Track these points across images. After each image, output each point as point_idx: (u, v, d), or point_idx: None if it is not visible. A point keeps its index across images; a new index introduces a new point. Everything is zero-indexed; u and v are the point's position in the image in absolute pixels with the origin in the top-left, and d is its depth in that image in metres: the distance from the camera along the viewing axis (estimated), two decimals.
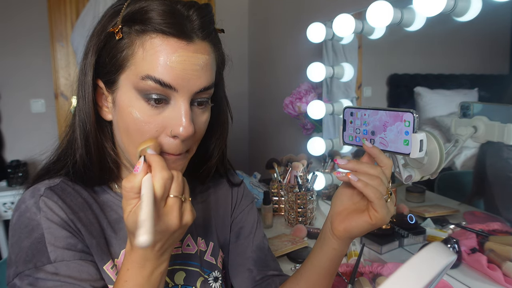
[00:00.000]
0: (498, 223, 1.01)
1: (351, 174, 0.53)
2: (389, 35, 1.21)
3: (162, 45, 0.49)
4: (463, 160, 1.12)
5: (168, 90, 0.50)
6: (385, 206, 0.52)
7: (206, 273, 0.68)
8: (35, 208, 0.53)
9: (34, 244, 0.52)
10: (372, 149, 0.55)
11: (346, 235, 0.57)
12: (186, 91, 0.50)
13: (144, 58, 0.50)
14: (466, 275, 0.88)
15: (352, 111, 0.60)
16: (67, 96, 2.45)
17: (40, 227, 0.52)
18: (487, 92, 1.10)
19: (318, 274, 0.61)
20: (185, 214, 0.47)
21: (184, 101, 0.51)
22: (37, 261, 0.51)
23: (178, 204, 0.45)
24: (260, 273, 0.73)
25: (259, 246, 0.75)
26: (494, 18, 0.96)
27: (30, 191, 0.56)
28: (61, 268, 0.51)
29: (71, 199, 0.57)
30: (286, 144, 2.17)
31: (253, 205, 0.79)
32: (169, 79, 0.49)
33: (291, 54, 2.06)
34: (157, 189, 0.43)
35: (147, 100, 0.50)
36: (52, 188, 0.56)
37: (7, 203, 2.14)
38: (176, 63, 0.49)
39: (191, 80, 0.50)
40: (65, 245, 0.53)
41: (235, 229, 0.75)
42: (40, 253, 0.51)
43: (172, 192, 0.45)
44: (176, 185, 0.46)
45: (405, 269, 0.38)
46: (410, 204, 1.27)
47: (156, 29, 0.49)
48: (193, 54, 0.50)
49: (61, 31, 2.38)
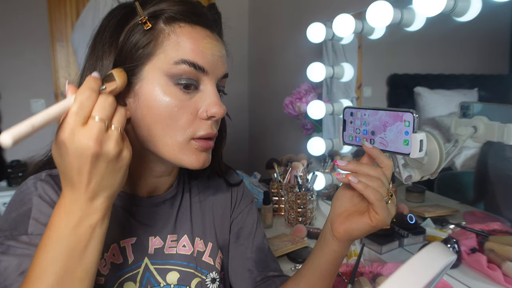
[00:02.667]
0: (498, 223, 1.01)
1: (351, 176, 0.52)
2: (389, 35, 1.21)
3: (193, 32, 0.54)
4: (463, 160, 1.12)
5: (199, 74, 0.54)
6: (385, 208, 0.52)
7: (203, 274, 0.67)
8: (33, 187, 0.55)
9: (19, 216, 0.53)
10: (372, 150, 0.54)
11: (346, 237, 0.56)
12: (214, 75, 0.55)
13: (177, 44, 0.53)
14: (466, 275, 0.88)
15: (352, 111, 0.60)
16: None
17: (31, 202, 0.54)
18: (487, 92, 1.10)
19: (318, 276, 0.61)
20: (107, 141, 0.41)
21: (213, 85, 0.55)
22: (14, 230, 0.51)
23: (97, 127, 0.41)
24: (261, 274, 0.72)
25: (259, 246, 0.75)
26: (494, 18, 0.96)
27: (33, 176, 0.58)
28: (35, 241, 0.49)
29: None
30: (286, 144, 2.17)
31: (253, 205, 0.79)
32: (202, 63, 0.53)
33: (291, 54, 2.06)
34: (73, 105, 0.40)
35: (179, 85, 0.53)
36: (52, 176, 0.58)
37: (7, 203, 2.14)
38: (206, 48, 0.54)
39: (218, 65, 0.56)
40: (47, 222, 0.47)
41: (234, 229, 0.75)
42: (21, 224, 0.52)
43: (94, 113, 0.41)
44: (100, 107, 0.41)
45: (405, 269, 0.38)
46: (410, 204, 1.27)
47: (185, 18, 0.54)
48: (217, 43, 0.57)
49: (61, 31, 2.38)
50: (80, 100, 0.41)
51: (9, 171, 2.19)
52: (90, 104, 0.41)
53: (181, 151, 0.55)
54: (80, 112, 0.40)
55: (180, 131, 0.54)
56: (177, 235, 0.67)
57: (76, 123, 0.40)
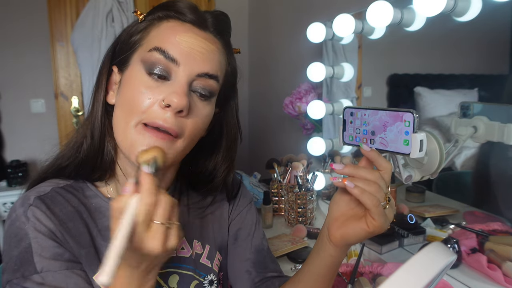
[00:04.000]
0: (498, 223, 1.01)
1: (347, 180, 0.51)
2: (389, 35, 1.21)
3: (177, 27, 0.55)
4: (463, 160, 1.12)
5: (170, 64, 0.53)
6: (383, 213, 0.50)
7: (201, 276, 0.67)
8: (24, 217, 0.53)
9: (22, 254, 0.52)
10: (370, 152, 0.53)
11: (342, 242, 0.55)
12: (188, 69, 0.53)
13: (157, 35, 0.55)
14: (466, 275, 0.88)
15: (352, 111, 0.60)
16: (67, 96, 2.45)
17: (28, 237, 0.52)
18: (487, 92, 1.10)
19: (315, 280, 0.61)
20: (169, 239, 0.43)
21: (183, 78, 0.53)
22: (25, 270, 0.51)
23: (162, 230, 0.42)
24: (259, 275, 0.72)
25: (258, 247, 0.74)
26: (494, 18, 0.96)
27: (21, 199, 0.56)
28: (48, 278, 0.51)
29: (60, 209, 0.56)
30: (286, 144, 2.17)
31: (252, 206, 0.78)
32: (174, 52, 0.53)
33: (291, 54, 2.06)
34: (139, 215, 0.41)
35: (149, 73, 0.53)
36: (41, 198, 0.55)
37: (7, 203, 2.14)
38: (184, 41, 0.54)
39: (195, 60, 0.54)
40: (51, 255, 0.52)
41: (233, 230, 0.74)
42: (27, 263, 0.51)
43: (157, 218, 0.42)
44: (162, 211, 0.42)
45: (405, 269, 0.38)
46: (410, 204, 1.27)
47: (176, 15, 0.56)
48: (202, 39, 0.55)
49: (61, 31, 2.38)
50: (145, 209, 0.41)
51: (9, 171, 2.19)
52: (152, 210, 0.42)
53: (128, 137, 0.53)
54: (146, 219, 0.41)
55: (135, 115, 0.53)
56: None
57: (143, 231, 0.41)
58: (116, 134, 0.57)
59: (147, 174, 0.43)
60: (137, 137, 0.53)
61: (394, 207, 0.54)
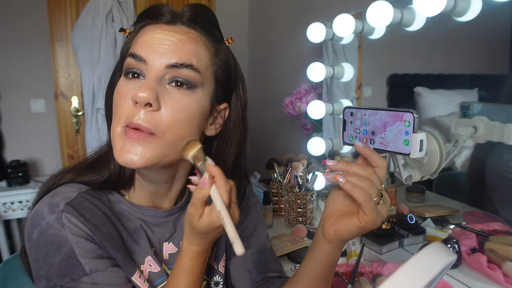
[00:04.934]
0: (498, 223, 1.01)
1: (339, 176, 0.51)
2: (389, 35, 1.21)
3: (148, 29, 0.57)
4: (463, 160, 1.12)
5: (141, 64, 0.54)
6: (374, 209, 0.49)
7: (209, 277, 0.69)
8: (58, 224, 0.53)
9: (65, 259, 0.53)
10: (364, 149, 0.53)
11: (336, 238, 0.55)
12: (156, 63, 0.54)
13: (134, 43, 0.57)
14: (466, 275, 0.88)
15: (352, 111, 0.60)
16: (67, 96, 2.44)
17: (68, 242, 0.53)
18: (487, 92, 1.10)
19: (311, 278, 0.60)
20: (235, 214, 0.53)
21: (152, 72, 0.54)
22: (73, 274, 0.52)
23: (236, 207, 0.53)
24: (260, 274, 0.72)
25: (260, 247, 0.75)
26: (494, 18, 0.96)
27: (47, 205, 0.55)
28: (98, 278, 0.53)
29: (91, 214, 0.57)
30: (286, 144, 2.17)
31: (257, 207, 0.79)
32: (141, 52, 0.54)
33: (291, 54, 2.06)
34: (225, 200, 0.51)
35: (126, 76, 0.56)
36: (70, 204, 0.56)
37: (7, 203, 2.13)
38: (151, 38, 0.55)
39: (162, 53, 0.54)
40: (95, 256, 0.55)
41: (237, 230, 0.75)
42: (74, 267, 0.53)
43: (233, 198, 0.53)
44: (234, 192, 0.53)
45: (405, 269, 0.38)
46: (410, 204, 1.27)
47: (151, 20, 0.58)
48: (170, 32, 0.56)
49: (61, 31, 2.37)
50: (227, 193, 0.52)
51: (9, 171, 2.19)
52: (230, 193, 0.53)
53: (114, 141, 0.55)
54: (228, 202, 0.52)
55: (119, 120, 0.54)
56: None
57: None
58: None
59: (213, 165, 0.52)
60: (118, 140, 0.54)
61: (388, 204, 0.53)
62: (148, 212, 0.64)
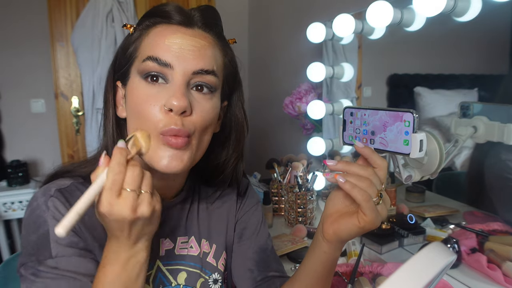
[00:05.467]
0: (498, 223, 1.01)
1: (338, 176, 0.51)
2: (389, 35, 1.21)
3: (164, 30, 0.56)
4: (463, 160, 1.12)
5: (165, 69, 0.54)
6: (374, 209, 0.49)
7: (207, 274, 0.69)
8: (44, 206, 0.56)
9: (39, 239, 0.54)
10: (364, 149, 0.53)
11: (335, 238, 0.55)
12: (182, 68, 0.54)
13: (148, 44, 0.56)
14: (466, 275, 0.88)
15: (352, 111, 0.60)
16: (67, 96, 2.45)
17: (46, 224, 0.55)
18: (487, 92, 1.10)
19: (311, 277, 0.61)
20: (140, 206, 0.46)
21: (179, 79, 0.54)
22: (40, 255, 0.54)
23: (131, 196, 0.46)
24: (261, 273, 0.73)
25: (262, 247, 0.75)
26: (494, 18, 0.96)
27: (42, 189, 0.58)
28: (61, 263, 0.53)
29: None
30: (286, 144, 2.17)
31: (258, 206, 0.79)
32: (166, 57, 0.54)
33: (291, 54, 2.06)
34: (106, 182, 0.45)
35: (146, 79, 0.55)
36: (61, 190, 0.58)
37: (7, 203, 2.14)
38: (173, 43, 0.55)
39: (187, 59, 0.54)
40: (67, 242, 0.55)
41: (238, 229, 0.75)
42: (43, 247, 0.54)
43: (125, 185, 0.46)
44: (130, 178, 0.46)
45: (405, 269, 0.38)
46: (410, 204, 1.27)
47: (162, 19, 0.57)
48: (191, 37, 0.56)
49: (61, 31, 2.37)
50: (112, 176, 0.45)
51: (9, 171, 2.19)
52: (121, 178, 0.46)
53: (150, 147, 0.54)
54: (114, 187, 0.45)
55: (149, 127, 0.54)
56: (187, 237, 0.68)
57: (112, 197, 0.45)
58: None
59: (118, 148, 0.47)
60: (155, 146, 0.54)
61: (388, 204, 0.53)
62: None
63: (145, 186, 0.48)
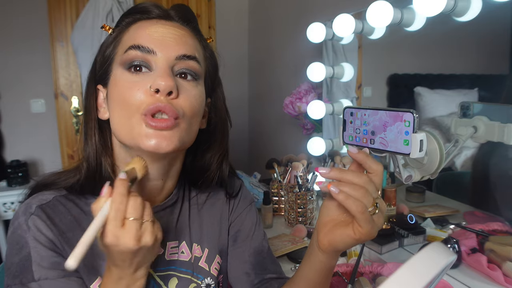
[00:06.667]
0: (498, 223, 1.01)
1: (332, 185, 0.48)
2: (389, 35, 1.21)
3: (144, 23, 0.57)
4: (463, 160, 1.12)
5: (148, 56, 0.54)
6: (369, 220, 0.47)
7: (199, 279, 0.67)
8: (25, 225, 0.55)
9: (22, 261, 0.54)
10: (358, 155, 0.51)
11: (330, 249, 0.53)
12: (165, 54, 0.55)
13: (128, 37, 0.57)
14: (466, 275, 0.88)
15: (352, 111, 0.60)
16: (67, 96, 2.45)
17: (28, 245, 0.54)
18: (487, 92, 1.10)
19: (308, 285, 0.60)
20: (144, 235, 0.47)
21: (163, 63, 0.54)
22: (23, 277, 0.53)
23: (134, 226, 0.46)
24: (258, 276, 0.71)
25: (257, 249, 0.74)
26: (494, 18, 0.96)
27: (23, 206, 0.57)
28: (45, 286, 0.53)
29: (60, 218, 0.57)
30: (286, 144, 2.17)
31: (252, 207, 0.77)
32: (148, 43, 0.55)
33: (291, 54, 2.06)
34: (110, 212, 0.46)
35: (129, 69, 0.55)
36: (42, 207, 0.57)
37: (7, 203, 2.14)
38: (154, 32, 0.56)
39: (170, 45, 0.55)
40: (49, 264, 0.54)
41: (232, 232, 0.74)
42: (26, 270, 0.53)
43: (128, 215, 0.46)
44: (132, 208, 0.47)
45: (405, 269, 0.38)
46: (410, 204, 1.27)
47: (141, 15, 0.58)
48: (171, 27, 0.57)
49: (61, 31, 2.37)
50: (115, 207, 0.46)
51: (9, 171, 2.19)
52: (123, 208, 0.47)
53: (134, 130, 0.54)
54: (117, 216, 0.46)
55: (133, 111, 0.53)
56: (177, 242, 0.67)
57: (117, 228, 0.46)
58: (121, 135, 0.57)
59: (121, 179, 0.48)
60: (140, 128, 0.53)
61: (384, 212, 0.51)
62: None
63: (146, 216, 0.48)
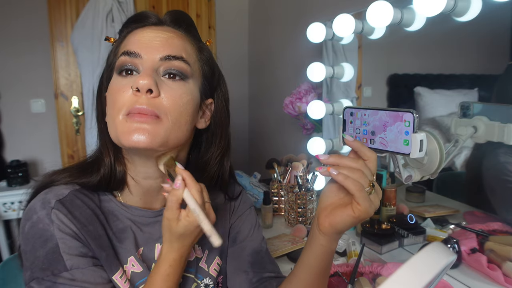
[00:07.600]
0: (498, 223, 1.01)
1: (331, 168, 0.52)
2: (389, 35, 1.21)
3: (138, 31, 0.61)
4: (463, 160, 1.12)
5: (135, 60, 0.58)
6: (367, 198, 0.51)
7: (199, 279, 0.70)
8: (48, 219, 0.56)
9: (49, 254, 0.55)
10: (353, 142, 0.54)
11: (331, 230, 0.56)
12: (150, 56, 0.58)
13: (123, 45, 0.61)
14: (466, 275, 0.88)
15: (352, 111, 0.60)
16: (67, 96, 2.45)
17: (54, 237, 0.55)
18: (487, 92, 1.10)
19: (309, 273, 0.61)
20: (211, 214, 0.57)
21: (147, 64, 0.57)
22: (54, 268, 0.55)
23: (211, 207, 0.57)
24: (256, 275, 0.73)
25: (256, 249, 0.75)
26: (494, 18, 0.96)
27: (40, 201, 0.58)
28: (77, 275, 0.55)
29: (80, 212, 0.59)
30: (286, 144, 2.17)
31: (251, 211, 0.80)
32: (135, 48, 0.58)
33: (291, 54, 2.06)
34: (197, 199, 0.54)
35: (120, 73, 0.58)
36: (61, 201, 0.58)
37: (7, 203, 2.13)
38: (143, 37, 0.59)
39: (155, 47, 0.58)
40: (78, 253, 0.56)
41: (232, 233, 0.76)
42: (56, 261, 0.55)
43: (206, 198, 0.57)
44: (206, 192, 0.57)
45: (405, 269, 0.38)
46: (410, 204, 1.27)
47: (138, 24, 0.62)
48: (160, 31, 0.60)
49: (61, 31, 2.37)
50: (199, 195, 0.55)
51: (9, 171, 2.19)
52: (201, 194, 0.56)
53: (118, 129, 0.55)
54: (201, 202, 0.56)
55: (118, 111, 0.56)
56: None
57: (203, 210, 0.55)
58: (111, 136, 0.58)
59: (183, 170, 0.56)
60: (122, 126, 0.55)
61: (379, 194, 0.55)
62: (137, 212, 0.65)
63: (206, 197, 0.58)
